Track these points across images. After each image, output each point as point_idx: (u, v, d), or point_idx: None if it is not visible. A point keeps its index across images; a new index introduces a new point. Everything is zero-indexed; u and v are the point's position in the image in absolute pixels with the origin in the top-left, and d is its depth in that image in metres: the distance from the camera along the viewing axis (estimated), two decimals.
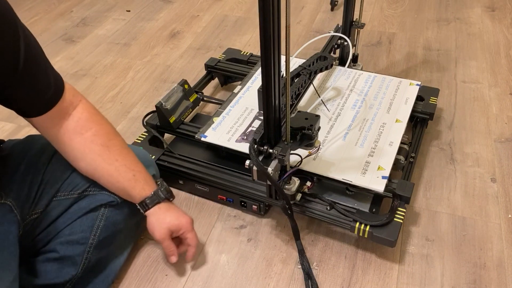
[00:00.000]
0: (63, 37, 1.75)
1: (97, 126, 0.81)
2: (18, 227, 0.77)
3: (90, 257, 0.83)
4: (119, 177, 0.82)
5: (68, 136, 0.78)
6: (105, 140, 0.81)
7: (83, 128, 0.79)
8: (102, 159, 0.80)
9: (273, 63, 0.71)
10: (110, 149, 0.81)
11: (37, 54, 0.72)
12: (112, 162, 0.81)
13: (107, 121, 0.85)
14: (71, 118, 0.79)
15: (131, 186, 0.82)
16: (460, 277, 0.89)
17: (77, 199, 0.85)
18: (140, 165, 0.85)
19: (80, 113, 0.80)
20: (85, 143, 0.79)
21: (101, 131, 0.81)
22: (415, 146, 1.09)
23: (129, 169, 0.82)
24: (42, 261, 0.83)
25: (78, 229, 0.84)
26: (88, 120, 0.80)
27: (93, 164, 0.81)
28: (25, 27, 0.70)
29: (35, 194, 0.81)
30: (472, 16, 1.75)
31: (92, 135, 0.80)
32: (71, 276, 0.82)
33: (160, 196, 0.84)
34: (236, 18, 1.83)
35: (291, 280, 0.90)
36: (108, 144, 0.81)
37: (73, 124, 0.79)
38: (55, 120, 0.77)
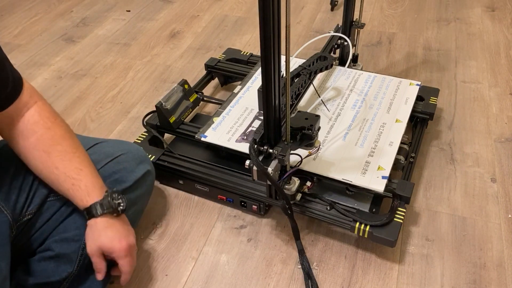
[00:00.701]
0: (63, 37, 1.75)
1: (43, 130, 0.78)
2: (9, 228, 0.77)
3: (85, 254, 0.83)
4: (59, 186, 0.79)
5: (16, 139, 0.78)
6: (48, 145, 0.78)
7: (29, 131, 0.77)
8: (43, 166, 0.78)
9: (273, 63, 0.71)
10: (51, 156, 0.78)
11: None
12: (52, 170, 0.78)
13: (59, 125, 0.81)
14: (22, 120, 0.77)
15: (71, 195, 0.79)
16: (460, 277, 0.89)
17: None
18: (86, 174, 0.79)
19: (30, 116, 0.78)
20: (28, 149, 0.78)
21: (45, 135, 0.78)
22: (415, 146, 1.10)
23: (69, 178, 0.78)
24: (38, 260, 0.83)
25: (72, 226, 0.83)
26: (35, 124, 0.78)
27: (36, 170, 0.79)
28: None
29: (27, 195, 0.81)
30: (472, 16, 1.75)
31: (35, 140, 0.78)
32: (67, 273, 0.82)
33: (97, 211, 0.78)
34: (236, 18, 1.83)
35: (291, 280, 0.90)
36: (50, 150, 0.78)
37: (22, 126, 0.77)
38: (8, 119, 0.76)
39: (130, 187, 0.89)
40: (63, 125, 0.82)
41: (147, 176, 0.93)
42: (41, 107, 0.79)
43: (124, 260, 0.80)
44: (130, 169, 0.90)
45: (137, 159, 0.92)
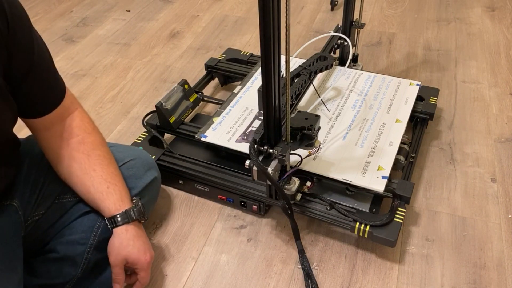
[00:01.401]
0: (63, 37, 1.75)
1: (84, 134, 0.81)
2: (21, 228, 0.77)
3: (90, 257, 0.83)
4: (91, 187, 0.79)
5: (55, 140, 0.79)
6: (88, 149, 0.80)
7: (70, 134, 0.80)
8: (80, 168, 0.79)
9: (273, 63, 0.71)
10: (90, 158, 0.80)
11: (47, 56, 0.74)
12: (89, 172, 0.79)
13: (97, 132, 0.84)
14: (63, 123, 0.79)
15: (102, 199, 0.79)
16: (460, 277, 0.89)
17: (78, 201, 0.84)
18: (119, 178, 0.82)
19: (72, 120, 0.80)
20: (68, 150, 0.79)
21: (86, 139, 0.81)
22: (415, 146, 1.10)
23: (104, 181, 0.80)
24: (42, 261, 0.83)
25: (78, 229, 0.83)
26: (77, 127, 0.80)
27: (72, 171, 0.80)
28: (37, 32, 0.72)
29: (38, 195, 0.81)
30: (472, 16, 1.75)
31: (77, 142, 0.80)
32: (71, 276, 0.82)
33: (130, 216, 0.80)
34: (236, 18, 1.83)
35: (291, 280, 0.90)
36: (90, 153, 0.80)
37: (62, 128, 0.79)
38: (51, 123, 0.78)
39: (138, 193, 0.89)
40: (100, 133, 0.85)
41: (154, 183, 0.93)
42: (81, 113, 0.82)
43: (145, 273, 0.82)
44: (138, 176, 0.90)
45: (145, 165, 0.92)
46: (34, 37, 0.70)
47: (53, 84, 0.76)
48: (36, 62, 0.70)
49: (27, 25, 0.69)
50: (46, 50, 0.74)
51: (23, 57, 0.68)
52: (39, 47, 0.71)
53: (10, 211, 0.76)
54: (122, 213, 0.79)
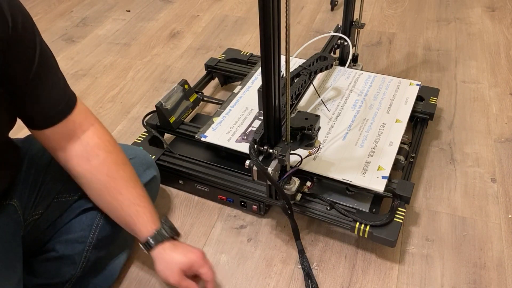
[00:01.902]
0: (63, 37, 1.75)
1: (105, 153, 0.77)
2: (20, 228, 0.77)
3: (89, 256, 0.83)
4: (121, 211, 0.77)
5: (76, 161, 0.76)
6: (112, 170, 0.77)
7: (90, 154, 0.76)
8: (107, 191, 0.77)
9: (273, 63, 0.71)
10: (116, 181, 0.77)
11: (51, 65, 0.71)
12: (116, 195, 0.77)
13: (117, 148, 0.80)
14: (80, 141, 0.75)
15: (133, 222, 0.78)
16: (460, 277, 0.89)
17: (77, 200, 0.85)
18: (146, 199, 0.79)
19: (89, 138, 0.76)
20: (91, 171, 0.76)
21: (108, 159, 0.77)
22: (415, 146, 1.09)
23: (133, 204, 0.77)
24: (41, 261, 0.83)
25: (77, 227, 0.84)
26: (96, 146, 0.76)
27: (97, 194, 0.78)
28: (43, 41, 0.69)
29: (36, 195, 0.81)
30: (472, 16, 1.75)
31: (98, 163, 0.76)
32: (70, 275, 0.82)
33: (163, 235, 0.78)
34: (236, 18, 1.83)
35: (291, 280, 0.90)
36: (115, 176, 0.77)
37: (81, 148, 0.75)
38: (62, 138, 0.74)
39: None
40: (121, 150, 0.80)
41: (153, 182, 0.93)
42: (99, 130, 0.78)
43: (206, 267, 0.80)
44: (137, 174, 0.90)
45: (144, 164, 0.92)
46: (38, 46, 0.67)
47: (58, 93, 0.72)
48: (36, 69, 0.67)
49: (31, 33, 0.66)
50: (51, 60, 0.71)
51: (25, 65, 0.65)
52: (42, 55, 0.68)
53: (10, 211, 0.76)
54: (154, 235, 0.77)
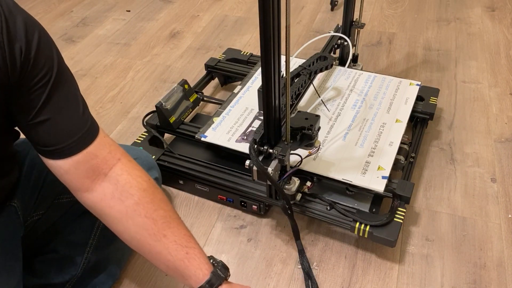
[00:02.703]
0: (63, 37, 1.75)
1: (140, 192, 0.68)
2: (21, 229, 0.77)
3: (90, 257, 0.83)
4: (168, 255, 0.68)
5: (107, 202, 0.67)
6: (150, 210, 0.68)
7: (122, 194, 0.67)
8: (148, 234, 0.67)
9: (273, 63, 0.71)
10: (157, 222, 0.68)
11: (69, 87, 0.65)
12: (159, 238, 0.67)
13: (153, 184, 0.71)
14: (108, 179, 0.67)
15: (184, 266, 0.68)
16: (460, 277, 0.89)
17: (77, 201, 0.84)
18: (193, 239, 0.71)
19: (118, 175, 0.68)
20: (127, 213, 0.67)
21: (144, 198, 0.68)
22: (415, 146, 1.09)
23: (181, 246, 0.68)
24: (42, 261, 0.83)
25: (78, 229, 0.84)
26: (128, 185, 0.68)
27: (137, 238, 0.68)
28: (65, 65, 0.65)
29: (37, 196, 0.81)
30: (472, 16, 1.75)
31: (134, 204, 0.67)
32: (71, 276, 0.82)
33: (220, 277, 0.69)
34: (236, 18, 1.83)
35: (291, 280, 0.90)
36: (154, 216, 0.68)
37: (111, 187, 0.67)
38: (85, 175, 0.66)
39: None
40: (156, 184, 0.72)
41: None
42: (127, 165, 0.69)
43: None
44: None
45: (146, 165, 0.92)
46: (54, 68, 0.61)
47: (72, 124, 0.64)
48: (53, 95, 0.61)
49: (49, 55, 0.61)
50: (69, 84, 0.65)
51: (39, 89, 0.60)
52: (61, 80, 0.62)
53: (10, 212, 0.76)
54: (211, 278, 0.68)
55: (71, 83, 0.65)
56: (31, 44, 0.58)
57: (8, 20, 0.56)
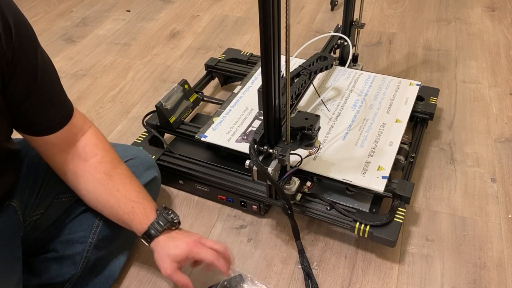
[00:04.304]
0: (63, 37, 1.75)
1: (103, 152, 0.79)
2: (20, 228, 0.77)
3: (90, 256, 0.83)
4: (118, 209, 0.77)
5: (74, 162, 0.77)
6: (109, 168, 0.78)
7: (88, 154, 0.78)
8: (104, 188, 0.77)
9: (273, 63, 0.71)
10: (113, 178, 0.78)
11: (52, 74, 0.72)
12: (113, 192, 0.77)
13: (112, 148, 0.82)
14: (79, 143, 0.78)
15: (130, 220, 0.77)
16: (460, 277, 0.89)
17: (77, 200, 0.85)
18: (142, 195, 0.79)
19: (88, 139, 0.78)
20: (89, 171, 0.77)
21: (106, 157, 0.79)
22: (415, 146, 1.10)
23: (129, 201, 0.77)
24: (42, 261, 0.83)
25: (77, 228, 0.84)
26: (94, 146, 0.79)
27: (95, 193, 0.78)
28: (43, 51, 0.71)
29: (37, 195, 0.81)
30: (472, 16, 1.75)
31: (96, 162, 0.78)
32: (70, 275, 0.82)
33: (157, 229, 0.77)
34: (236, 18, 1.83)
35: (291, 280, 0.90)
36: (111, 173, 0.78)
37: (79, 150, 0.77)
38: (62, 143, 0.76)
39: None
40: (113, 149, 0.82)
41: (153, 182, 0.94)
42: (96, 131, 0.81)
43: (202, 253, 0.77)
44: (138, 174, 0.90)
45: (145, 164, 0.92)
46: (39, 57, 0.68)
47: (60, 99, 0.74)
48: (39, 82, 0.68)
49: (33, 45, 0.67)
50: (52, 70, 0.72)
51: (25, 77, 0.66)
52: (44, 67, 0.69)
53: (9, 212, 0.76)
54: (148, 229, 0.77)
55: (52, 65, 0.73)
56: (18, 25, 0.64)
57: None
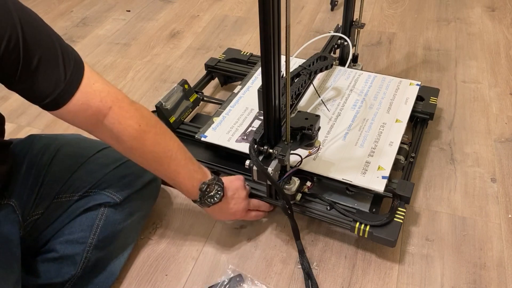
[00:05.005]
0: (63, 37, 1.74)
1: (131, 140, 0.74)
2: (19, 228, 0.77)
3: (90, 256, 0.83)
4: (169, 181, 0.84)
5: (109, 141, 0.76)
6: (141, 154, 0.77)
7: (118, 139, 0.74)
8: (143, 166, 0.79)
9: (273, 63, 0.71)
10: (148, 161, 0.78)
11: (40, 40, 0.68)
12: (153, 170, 0.81)
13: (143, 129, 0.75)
14: (105, 127, 0.72)
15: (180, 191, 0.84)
16: (460, 277, 0.89)
17: (77, 201, 0.85)
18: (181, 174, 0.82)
19: (111, 124, 0.72)
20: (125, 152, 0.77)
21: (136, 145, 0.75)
22: (415, 146, 1.09)
23: (170, 179, 0.82)
24: (42, 261, 0.83)
25: (77, 228, 0.84)
26: (120, 133, 0.73)
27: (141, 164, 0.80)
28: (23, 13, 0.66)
29: (36, 195, 0.81)
30: (472, 16, 1.75)
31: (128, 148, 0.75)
32: (70, 275, 0.82)
33: (203, 206, 0.86)
34: (236, 18, 1.83)
35: (291, 280, 0.90)
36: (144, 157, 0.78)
37: (108, 132, 0.73)
38: (84, 122, 0.71)
39: (137, 191, 0.89)
40: (149, 128, 0.76)
41: (154, 182, 0.94)
42: (118, 113, 0.73)
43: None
44: (138, 174, 0.90)
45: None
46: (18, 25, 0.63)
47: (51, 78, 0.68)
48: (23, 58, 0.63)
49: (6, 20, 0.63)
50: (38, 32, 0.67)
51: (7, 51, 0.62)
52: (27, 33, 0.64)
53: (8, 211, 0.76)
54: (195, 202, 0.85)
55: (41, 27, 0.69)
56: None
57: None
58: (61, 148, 0.86)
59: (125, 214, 0.88)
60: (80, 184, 0.85)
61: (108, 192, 0.85)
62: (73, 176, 0.84)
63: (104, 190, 0.85)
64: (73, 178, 0.84)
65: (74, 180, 0.84)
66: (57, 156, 0.84)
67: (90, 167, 0.86)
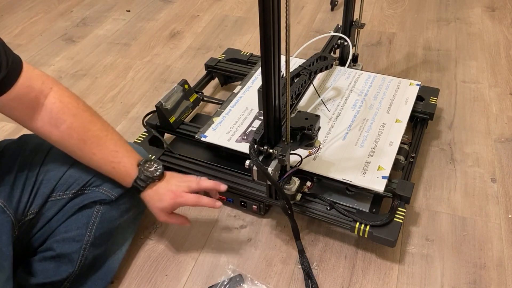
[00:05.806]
0: (63, 37, 1.74)
1: (71, 118, 0.78)
2: (12, 227, 0.77)
3: (87, 254, 0.83)
4: (101, 170, 0.82)
5: (46, 128, 0.77)
6: (81, 132, 0.79)
7: (57, 120, 0.77)
8: (81, 153, 0.80)
9: (273, 63, 0.71)
10: (86, 143, 0.79)
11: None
12: (90, 156, 0.80)
13: (82, 108, 0.80)
14: (44, 108, 0.76)
15: (115, 177, 0.83)
16: (460, 277, 0.89)
17: (72, 199, 0.84)
18: (120, 153, 0.82)
19: (52, 103, 0.76)
20: (63, 137, 0.78)
21: (75, 123, 0.78)
22: (415, 146, 1.09)
23: (108, 162, 0.81)
24: (39, 260, 0.83)
25: (73, 226, 0.84)
26: (61, 112, 0.77)
27: (75, 157, 0.82)
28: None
29: (29, 194, 0.81)
30: (472, 16, 1.75)
31: (67, 128, 0.77)
32: (68, 273, 0.82)
33: (140, 186, 0.83)
34: (236, 18, 1.83)
35: (291, 280, 0.90)
36: (84, 138, 0.79)
37: (47, 115, 0.76)
38: (24, 107, 0.74)
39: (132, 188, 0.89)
40: (87, 108, 0.81)
41: None
42: (58, 92, 0.78)
43: (186, 201, 0.85)
44: None
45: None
46: None
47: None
48: None
49: None
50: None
51: None
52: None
53: None
54: (132, 185, 0.83)
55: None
56: None
57: None
58: (53, 147, 0.86)
59: (121, 211, 0.88)
60: (74, 182, 0.84)
61: (103, 189, 0.85)
62: (67, 174, 0.84)
63: (98, 187, 0.85)
64: (67, 176, 0.84)
65: (67, 178, 0.84)
66: (49, 155, 0.84)
67: (83, 164, 0.86)
